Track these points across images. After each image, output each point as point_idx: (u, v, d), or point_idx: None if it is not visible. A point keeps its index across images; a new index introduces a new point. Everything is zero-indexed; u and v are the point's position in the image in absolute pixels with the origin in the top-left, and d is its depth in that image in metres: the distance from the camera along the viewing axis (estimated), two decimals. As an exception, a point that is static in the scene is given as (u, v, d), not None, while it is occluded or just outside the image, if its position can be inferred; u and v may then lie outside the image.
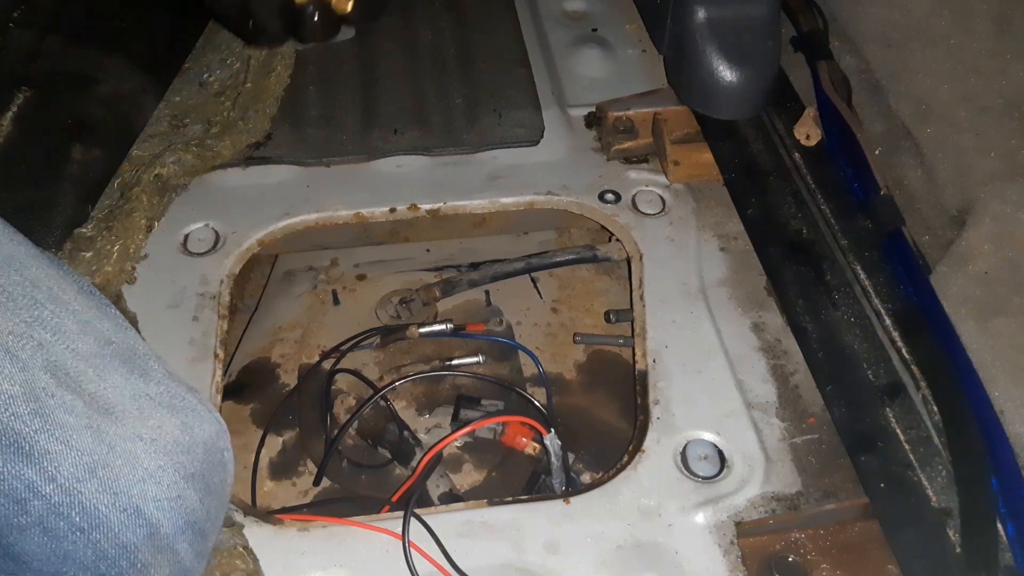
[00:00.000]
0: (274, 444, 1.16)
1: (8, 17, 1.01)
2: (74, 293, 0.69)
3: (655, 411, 0.96)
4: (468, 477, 1.12)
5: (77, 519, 0.61)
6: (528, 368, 1.23)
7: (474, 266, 1.34)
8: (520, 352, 1.24)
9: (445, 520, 0.87)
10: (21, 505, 0.60)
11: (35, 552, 0.61)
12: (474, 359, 1.21)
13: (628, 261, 1.17)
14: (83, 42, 1.17)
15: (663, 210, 1.19)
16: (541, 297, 1.33)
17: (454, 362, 1.21)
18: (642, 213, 1.19)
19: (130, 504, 0.63)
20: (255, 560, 0.83)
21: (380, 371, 1.22)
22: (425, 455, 1.01)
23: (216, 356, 1.02)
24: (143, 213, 1.14)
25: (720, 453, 0.93)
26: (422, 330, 1.22)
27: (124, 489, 0.63)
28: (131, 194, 1.15)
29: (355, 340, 1.23)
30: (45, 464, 0.60)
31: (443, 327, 1.22)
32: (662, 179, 1.23)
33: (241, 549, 0.83)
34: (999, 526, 0.82)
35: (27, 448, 0.60)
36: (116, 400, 0.66)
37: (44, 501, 0.60)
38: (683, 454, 0.93)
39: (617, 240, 1.21)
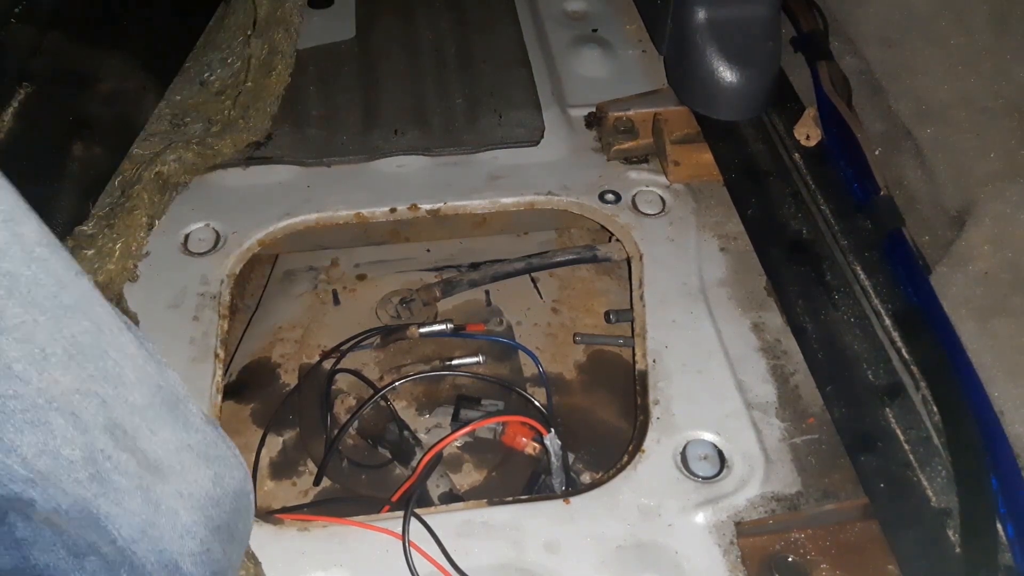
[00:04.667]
0: (274, 444, 1.16)
1: (10, 13, 1.01)
2: (126, 332, 0.68)
3: (655, 411, 0.96)
4: (468, 477, 1.12)
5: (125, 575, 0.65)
6: (528, 368, 1.23)
7: (474, 266, 1.34)
8: (520, 352, 1.24)
9: (445, 520, 0.88)
10: (79, 560, 0.62)
11: None
12: (474, 359, 1.21)
13: (628, 261, 1.17)
14: (84, 39, 1.17)
15: (663, 210, 1.19)
16: (541, 297, 1.33)
17: (454, 362, 1.21)
18: (642, 213, 1.19)
19: (171, 561, 0.67)
20: (257, 563, 0.83)
21: (380, 371, 1.22)
22: (425, 455, 1.01)
23: (216, 356, 1.02)
24: (144, 211, 1.14)
25: (720, 453, 0.93)
26: (422, 330, 1.22)
27: (167, 547, 0.66)
28: (132, 192, 1.15)
29: (355, 340, 1.23)
30: (108, 526, 0.63)
31: (443, 327, 1.22)
32: (662, 179, 1.24)
33: (243, 556, 0.83)
34: (999, 526, 0.82)
35: (94, 512, 0.63)
36: (163, 455, 0.68)
37: (101, 559, 0.63)
38: (683, 454, 0.93)
39: (617, 240, 1.21)
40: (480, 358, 1.21)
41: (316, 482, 1.11)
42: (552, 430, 1.01)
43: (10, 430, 0.58)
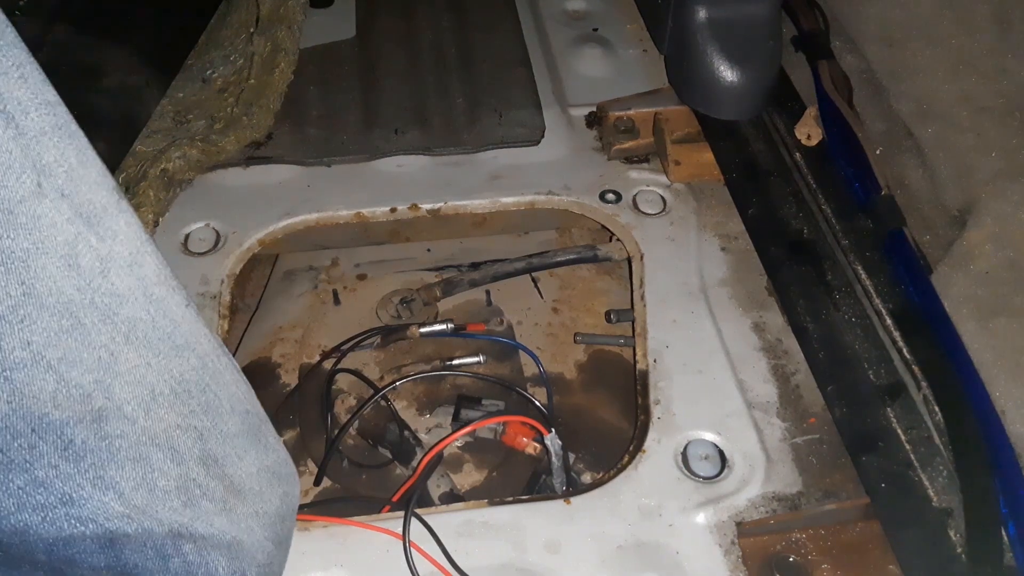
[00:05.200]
0: (274, 443, 1.15)
1: (13, 7, 1.01)
2: (224, 358, 0.70)
3: (656, 411, 0.96)
4: (469, 477, 1.12)
5: None
6: (529, 368, 1.23)
7: (475, 266, 1.34)
8: (521, 352, 1.24)
9: (446, 520, 0.87)
10: (164, 561, 0.66)
11: None
12: (475, 359, 1.21)
13: (629, 261, 1.17)
14: (87, 35, 1.17)
15: (664, 210, 1.19)
16: (542, 297, 1.33)
17: (455, 362, 1.21)
18: (643, 213, 1.19)
19: (240, 569, 0.70)
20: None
21: (381, 371, 1.22)
22: (426, 455, 1.01)
23: (217, 355, 1.02)
24: (150, 208, 1.13)
25: (721, 453, 0.93)
26: (423, 330, 1.22)
27: (240, 556, 0.70)
28: (137, 189, 1.15)
29: (356, 340, 1.23)
30: (194, 541, 0.67)
31: (444, 327, 1.22)
32: (663, 179, 1.23)
33: None
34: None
35: (183, 532, 0.66)
36: (246, 479, 0.72)
37: (182, 559, 0.67)
38: (684, 454, 0.92)
39: (618, 240, 1.21)
40: (480, 358, 1.20)
41: (316, 482, 1.11)
42: (553, 430, 1.01)
43: (113, 468, 0.60)
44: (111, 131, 1.22)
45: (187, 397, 0.65)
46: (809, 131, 1.22)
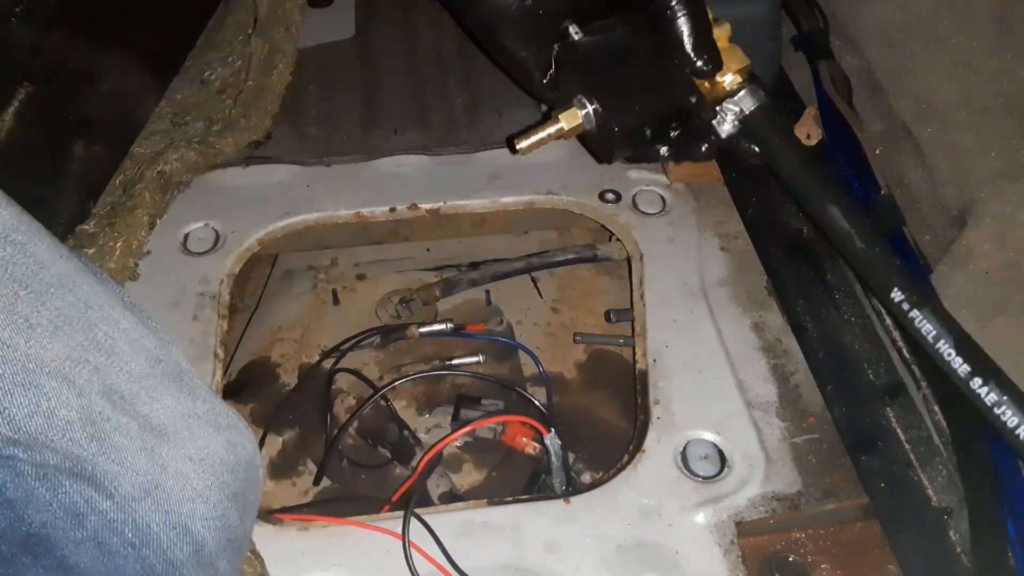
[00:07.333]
0: (274, 444, 1.15)
1: (10, 12, 1.01)
2: (121, 309, 0.69)
3: (655, 411, 0.96)
4: (468, 477, 1.12)
5: (130, 535, 0.63)
6: (528, 368, 1.23)
7: (474, 266, 1.34)
8: (520, 352, 1.24)
9: (445, 520, 0.87)
10: (79, 520, 0.62)
11: (88, 565, 0.63)
12: (474, 359, 1.21)
13: (628, 261, 1.17)
14: (85, 38, 1.17)
15: (663, 210, 1.19)
16: (541, 297, 1.33)
17: (454, 362, 1.21)
18: (642, 213, 1.19)
19: (180, 523, 0.65)
20: (262, 563, 0.83)
21: (380, 371, 1.22)
22: (425, 455, 1.01)
23: (216, 356, 1.02)
24: (145, 210, 1.13)
25: (720, 453, 0.93)
26: (422, 330, 1.22)
27: (175, 508, 0.65)
28: (134, 191, 1.15)
29: (355, 340, 1.23)
30: (105, 483, 0.63)
31: (443, 327, 1.22)
32: (662, 178, 1.23)
33: (248, 552, 0.83)
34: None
35: (89, 471, 0.62)
36: (168, 421, 0.68)
37: (100, 517, 0.63)
38: (683, 454, 0.92)
39: (617, 240, 1.21)
40: (480, 358, 1.20)
41: (316, 482, 1.11)
42: (552, 430, 1.01)
43: None
44: (110, 134, 1.22)
45: (71, 331, 0.64)
46: (809, 131, 1.22)
